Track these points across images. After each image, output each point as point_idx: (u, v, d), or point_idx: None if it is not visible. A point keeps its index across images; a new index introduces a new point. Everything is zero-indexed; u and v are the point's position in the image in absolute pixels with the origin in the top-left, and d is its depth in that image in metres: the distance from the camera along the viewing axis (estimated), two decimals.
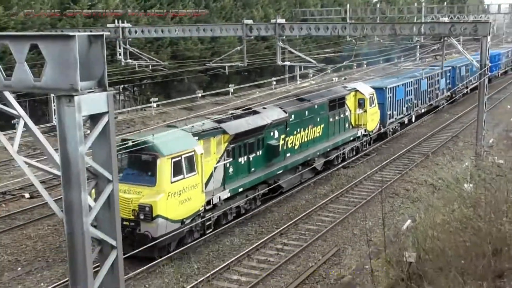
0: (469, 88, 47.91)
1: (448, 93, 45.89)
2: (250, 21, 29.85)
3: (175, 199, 17.57)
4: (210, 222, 19.64)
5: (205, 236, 19.72)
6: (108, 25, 34.63)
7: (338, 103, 28.56)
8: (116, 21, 33.85)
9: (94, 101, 6.38)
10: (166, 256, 17.92)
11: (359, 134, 30.58)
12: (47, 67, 6.23)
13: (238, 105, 33.45)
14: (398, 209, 22.60)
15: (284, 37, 28.72)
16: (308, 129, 25.91)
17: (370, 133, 32.03)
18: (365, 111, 30.79)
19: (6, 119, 29.00)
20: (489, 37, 24.24)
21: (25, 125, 6.92)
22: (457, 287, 11.64)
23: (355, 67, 67.25)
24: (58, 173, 6.43)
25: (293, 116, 24.47)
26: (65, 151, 6.24)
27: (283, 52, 30.58)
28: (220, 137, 20.15)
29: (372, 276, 14.60)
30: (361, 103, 30.77)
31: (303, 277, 17.07)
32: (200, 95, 48.20)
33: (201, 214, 19.06)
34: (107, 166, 6.69)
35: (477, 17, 62.90)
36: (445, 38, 26.20)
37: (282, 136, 23.75)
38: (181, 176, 17.78)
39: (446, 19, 36.48)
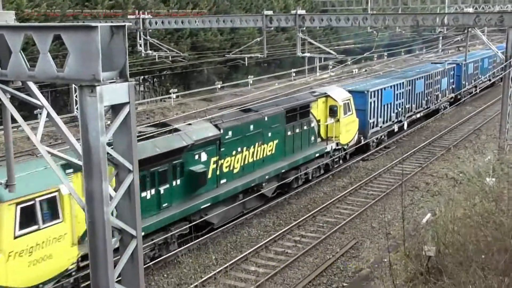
0: (478, 88, 45.35)
1: (452, 95, 41.70)
2: (270, 12, 29.71)
3: (23, 259, 12.87)
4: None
5: (223, 227, 19.78)
6: (129, 16, 34.74)
7: (299, 112, 23.80)
8: (136, 12, 33.95)
9: (115, 92, 6.41)
10: (185, 247, 18.00)
11: (328, 149, 25.53)
12: (70, 58, 6.28)
13: (256, 97, 33.30)
14: (418, 203, 22.45)
15: (304, 28, 28.56)
16: (254, 147, 21.24)
17: (345, 147, 27.04)
18: (338, 120, 25.94)
19: (29, 109, 29.32)
20: None
21: (48, 115, 6.98)
22: (478, 282, 11.55)
23: (375, 59, 66.75)
24: (80, 163, 6.48)
25: (230, 132, 19.89)
26: (87, 141, 6.29)
27: (303, 44, 30.41)
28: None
29: (391, 269, 14.53)
30: (333, 111, 25.88)
31: (320, 269, 17.07)
32: (219, 86, 48.22)
33: (73, 273, 14.29)
34: (127, 156, 6.73)
35: (503, 7, 61.92)
36: (469, 29, 25.83)
37: (214, 159, 19.07)
38: (34, 227, 13.17)
39: (470, 10, 35.87)
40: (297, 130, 23.75)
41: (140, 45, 34.18)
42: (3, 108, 7.61)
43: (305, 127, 24.33)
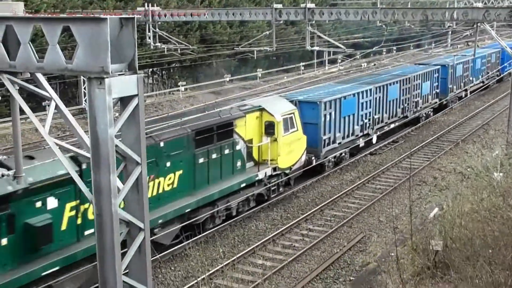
0: (468, 91, 42.74)
1: (436, 101, 37.46)
2: (279, 6, 29.66)
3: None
4: None
5: (231, 220, 19.83)
6: (138, 9, 34.77)
7: (217, 133, 18.82)
8: (146, 4, 33.98)
9: (124, 84, 6.43)
10: (192, 239, 18.05)
11: (261, 176, 20.37)
12: (78, 50, 6.30)
13: (265, 89, 33.20)
14: (425, 197, 22.40)
15: (314, 22, 28.49)
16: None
17: (287, 171, 21.96)
18: (275, 140, 20.95)
19: (37, 101, 29.45)
20: None
21: (57, 107, 7.02)
22: (485, 277, 11.54)
23: (384, 53, 66.49)
24: (88, 155, 6.52)
25: None
26: (95, 133, 6.32)
27: (312, 37, 30.29)
28: None
29: (398, 263, 14.53)
30: (269, 129, 20.88)
31: (327, 263, 17.08)
32: (228, 79, 48.22)
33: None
34: (136, 149, 6.75)
35: None
36: (478, 24, 25.69)
37: (71, 204, 14.07)
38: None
39: (480, 4, 35.64)
40: (214, 156, 18.67)
41: (149, 38, 34.21)
42: (12, 100, 7.66)
43: (226, 151, 19.11)
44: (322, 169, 25.34)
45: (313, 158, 24.23)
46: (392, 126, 31.68)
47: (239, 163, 19.88)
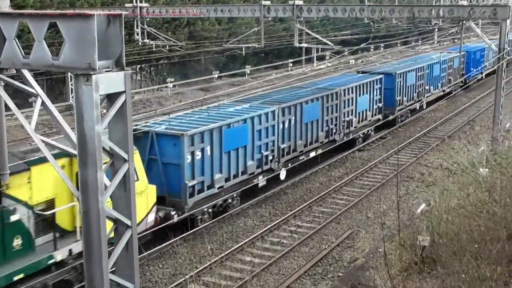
0: (424, 103, 37.47)
1: (379, 117, 31.35)
2: (268, 2, 29.65)
3: None
4: None
5: (219, 217, 19.84)
6: (126, 5, 34.62)
7: None
8: (134, 0, 33.83)
9: (111, 80, 6.42)
10: (180, 236, 18.04)
11: (60, 257, 13.64)
12: (65, 46, 6.28)
13: (254, 86, 33.13)
14: (412, 193, 22.53)
15: (302, 19, 28.52)
16: None
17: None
18: None
19: (24, 97, 29.25)
20: (508, 21, 23.89)
21: (43, 103, 6.99)
22: (471, 271, 11.64)
23: (372, 50, 66.71)
24: (75, 152, 6.49)
25: None
26: (82, 130, 6.30)
27: (300, 34, 30.31)
28: None
29: (386, 259, 14.61)
30: None
31: (316, 259, 17.15)
32: (216, 76, 48.18)
33: None
34: (123, 146, 6.74)
35: (496, 0, 61.89)
36: (464, 22, 25.87)
37: None
38: None
39: (465, 2, 35.81)
40: None
41: (137, 34, 34.08)
42: None
43: None
44: (194, 224, 18.84)
45: (173, 213, 17.88)
46: (312, 154, 25.20)
47: (17, 242, 13.04)
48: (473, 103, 41.30)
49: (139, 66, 46.48)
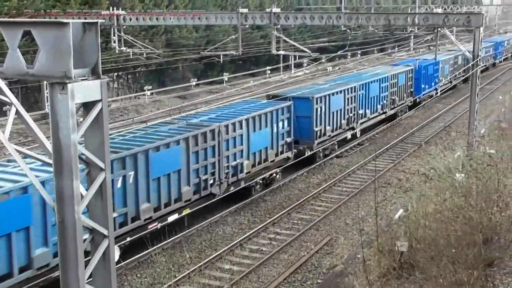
0: (357, 130, 31.17)
1: (286, 156, 24.64)
2: (245, 10, 29.78)
3: None
4: None
5: (198, 226, 19.76)
6: (103, 12, 34.46)
7: None
8: (111, 8, 33.69)
9: (87, 89, 6.35)
10: (158, 245, 17.92)
11: None
12: (40, 54, 6.21)
13: (231, 93, 33.11)
14: (390, 199, 22.70)
15: (279, 26, 28.66)
16: None
17: None
18: None
19: None
20: (481, 28, 24.28)
21: (17, 112, 6.89)
22: (448, 276, 11.74)
23: (349, 57, 67.22)
24: (50, 161, 6.41)
25: None
26: (58, 139, 6.23)
27: (278, 41, 30.47)
28: None
29: (364, 265, 14.68)
30: None
31: (295, 266, 17.15)
32: (194, 83, 48.12)
33: None
34: (99, 155, 6.67)
35: (470, 8, 63.04)
36: (439, 29, 26.22)
37: None
38: None
39: (439, 10, 36.40)
40: None
41: (114, 42, 33.92)
42: None
43: None
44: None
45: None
46: (173, 218, 18.67)
47: None
48: (449, 109, 41.80)
49: (116, 74, 46.21)
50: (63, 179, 6.29)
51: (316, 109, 26.77)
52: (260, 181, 23.27)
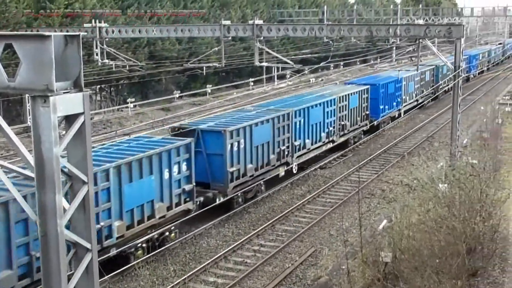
0: (294, 166, 25.96)
1: (189, 207, 19.65)
2: (228, 22, 29.87)
3: None
4: None
5: (181, 238, 19.64)
6: (85, 25, 34.34)
7: None
8: (93, 21, 33.59)
9: (69, 102, 6.32)
10: (142, 258, 17.77)
11: None
12: (21, 67, 6.16)
13: (215, 105, 33.06)
14: (374, 210, 22.76)
15: (262, 38, 28.78)
16: None
17: None
18: None
19: None
20: (462, 40, 24.58)
21: None
22: (432, 286, 11.78)
23: (332, 68, 67.63)
24: (32, 174, 6.35)
25: None
26: (40, 152, 6.17)
27: (260, 53, 30.56)
28: None
29: (349, 276, 14.69)
30: None
31: (279, 278, 17.10)
32: (177, 95, 48.07)
33: None
34: (82, 168, 6.63)
35: (451, 20, 63.80)
36: (420, 40, 26.49)
37: None
38: None
39: (421, 22, 36.77)
40: None
41: (97, 54, 33.78)
42: None
43: None
44: None
45: None
46: None
47: None
48: (431, 120, 42.16)
49: (99, 86, 46.02)
50: (46, 193, 6.23)
51: (231, 144, 21.58)
52: (144, 245, 18.02)
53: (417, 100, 43.74)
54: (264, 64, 35.19)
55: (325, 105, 29.26)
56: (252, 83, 55.85)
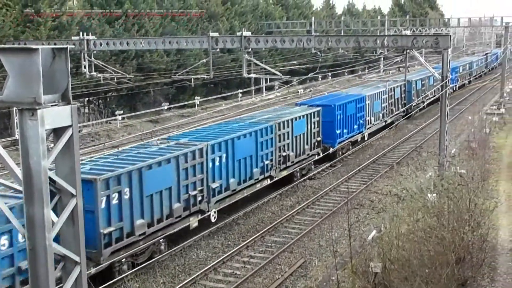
0: (212, 212, 20.73)
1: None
2: (216, 34, 29.96)
3: None
4: None
5: (171, 250, 19.56)
6: (73, 38, 34.32)
7: None
8: (81, 33, 33.57)
9: (57, 115, 6.30)
10: (131, 271, 17.67)
11: None
12: (9, 80, 6.15)
13: (203, 117, 33.12)
14: (363, 220, 22.79)
15: (250, 50, 28.87)
16: None
17: None
18: None
19: None
20: (449, 50, 24.79)
21: None
22: None
23: (320, 79, 67.93)
24: (20, 188, 6.32)
25: None
26: (28, 166, 6.15)
27: (249, 65, 30.64)
28: None
29: (339, 287, 14.68)
30: None
31: None
32: (166, 107, 48.04)
33: None
34: (70, 181, 6.60)
35: (438, 30, 64.36)
36: (408, 51, 26.70)
37: None
38: None
39: (408, 32, 37.10)
40: None
41: (85, 67, 33.73)
42: None
43: None
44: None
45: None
46: None
47: None
48: (420, 130, 42.38)
49: (87, 99, 45.91)
50: (34, 206, 6.20)
51: (108, 196, 16.58)
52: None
53: (385, 121, 40.03)
54: (253, 75, 35.30)
55: (258, 134, 24.13)
56: (240, 95, 55.94)
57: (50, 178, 6.36)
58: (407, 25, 65.52)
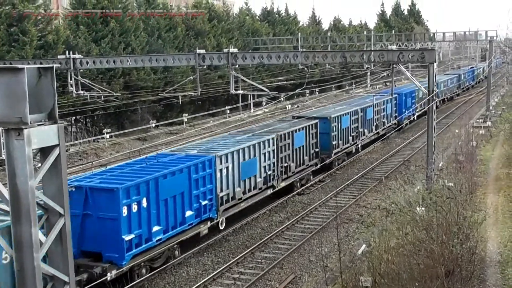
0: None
1: None
2: (202, 51, 30.05)
3: None
4: None
5: (162, 267, 19.44)
6: (59, 56, 34.27)
7: None
8: (67, 52, 33.54)
9: (44, 134, 6.29)
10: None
11: None
12: None
13: (191, 134, 33.01)
14: (353, 234, 22.79)
15: (237, 66, 28.97)
16: None
17: None
18: None
19: None
20: (435, 64, 25.02)
21: None
22: None
23: (307, 95, 68.21)
24: (7, 208, 6.28)
25: None
26: (15, 186, 6.11)
27: (236, 81, 30.73)
28: None
29: None
30: None
31: None
32: (153, 125, 47.97)
33: None
34: (58, 200, 6.57)
35: (424, 45, 64.94)
36: (394, 65, 26.92)
37: None
38: None
39: (394, 47, 37.46)
40: None
41: (71, 86, 33.65)
42: None
43: None
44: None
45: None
46: None
47: None
48: (407, 144, 42.58)
49: (74, 117, 45.74)
50: (21, 226, 6.16)
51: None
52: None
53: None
54: (240, 92, 35.36)
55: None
56: (228, 111, 56.03)
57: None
58: (393, 40, 66.11)
